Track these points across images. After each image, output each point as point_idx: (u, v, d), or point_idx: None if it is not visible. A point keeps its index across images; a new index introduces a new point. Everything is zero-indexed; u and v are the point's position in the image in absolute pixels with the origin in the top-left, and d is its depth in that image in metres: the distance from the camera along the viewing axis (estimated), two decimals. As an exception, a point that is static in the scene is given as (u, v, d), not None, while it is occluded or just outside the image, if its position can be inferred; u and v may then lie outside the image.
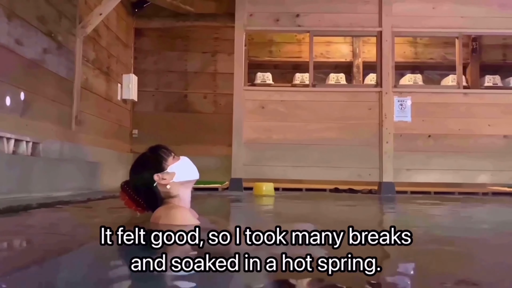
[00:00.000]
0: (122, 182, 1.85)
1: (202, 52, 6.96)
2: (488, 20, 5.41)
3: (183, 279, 1.07)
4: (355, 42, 7.18)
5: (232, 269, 1.11)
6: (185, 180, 1.80)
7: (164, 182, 1.75)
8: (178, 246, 1.39)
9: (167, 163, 1.78)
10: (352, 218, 2.85)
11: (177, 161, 1.81)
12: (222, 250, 1.39)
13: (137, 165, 1.84)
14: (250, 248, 1.46)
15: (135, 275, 1.03)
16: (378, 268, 1.15)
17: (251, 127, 5.34)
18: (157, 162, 1.78)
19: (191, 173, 1.84)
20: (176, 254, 1.33)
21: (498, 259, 1.48)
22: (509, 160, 5.26)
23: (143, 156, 1.86)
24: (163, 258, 1.17)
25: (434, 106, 5.36)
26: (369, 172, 5.32)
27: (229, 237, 1.43)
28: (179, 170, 1.78)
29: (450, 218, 3.04)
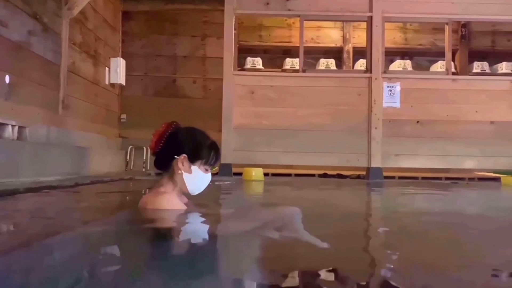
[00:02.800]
0: (175, 122, 1.81)
1: (191, 36, 6.88)
2: (477, 6, 5.41)
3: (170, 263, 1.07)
4: (345, 27, 7.16)
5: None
6: (187, 185, 1.77)
7: (179, 166, 1.74)
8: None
9: (199, 162, 1.75)
10: (338, 202, 2.88)
11: (205, 171, 1.78)
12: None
13: (196, 133, 1.81)
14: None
15: (119, 259, 1.03)
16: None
17: (241, 113, 5.32)
18: (197, 152, 1.75)
19: (195, 188, 1.80)
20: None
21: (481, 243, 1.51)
22: (495, 146, 5.33)
23: (203, 135, 1.82)
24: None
25: (423, 92, 5.38)
26: (357, 157, 5.36)
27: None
28: (196, 177, 1.76)
29: (434, 203, 3.08)
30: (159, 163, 1.78)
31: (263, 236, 1.40)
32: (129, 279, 0.89)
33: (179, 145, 1.74)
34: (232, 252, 1.20)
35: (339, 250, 1.27)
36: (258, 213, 1.94)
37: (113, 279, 0.89)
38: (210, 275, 0.96)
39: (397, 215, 2.35)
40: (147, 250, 1.17)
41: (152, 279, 0.89)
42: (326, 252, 1.22)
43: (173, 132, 1.76)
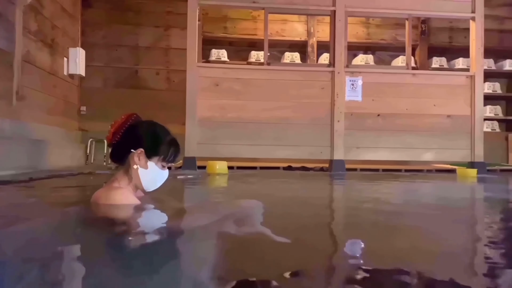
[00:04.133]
0: (135, 114, 1.75)
1: (154, 26, 6.73)
2: (436, 3, 5.57)
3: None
4: (310, 21, 7.20)
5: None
6: (142, 180, 1.72)
7: (135, 160, 1.69)
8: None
9: (157, 158, 1.70)
10: (300, 195, 2.90)
11: (162, 168, 1.73)
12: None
13: (156, 127, 1.75)
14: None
15: (61, 254, 1.00)
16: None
17: (205, 105, 5.26)
18: (155, 147, 1.70)
19: (150, 184, 1.75)
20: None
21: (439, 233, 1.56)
22: (452, 139, 5.54)
23: (163, 130, 1.77)
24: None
25: (384, 86, 5.51)
26: (321, 150, 5.43)
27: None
28: (151, 173, 1.71)
29: (393, 194, 3.17)
30: (115, 156, 1.73)
31: (221, 231, 1.39)
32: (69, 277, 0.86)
33: (137, 139, 1.69)
34: (187, 247, 1.18)
35: (298, 243, 1.27)
36: (217, 206, 1.93)
37: (52, 278, 0.85)
38: (163, 272, 0.94)
39: (357, 206, 2.40)
40: (93, 247, 1.13)
41: (99, 277, 0.86)
42: (285, 246, 1.22)
43: (132, 124, 1.71)
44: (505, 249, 1.31)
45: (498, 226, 1.79)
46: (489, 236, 1.55)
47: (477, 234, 1.59)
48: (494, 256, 1.21)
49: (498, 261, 1.15)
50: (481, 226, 1.82)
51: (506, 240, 1.46)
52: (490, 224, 1.87)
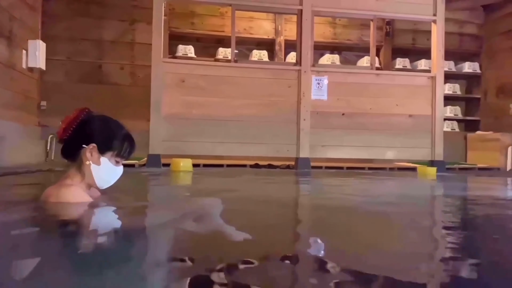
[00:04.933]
0: (88, 108, 1.67)
1: (119, 20, 6.56)
2: (400, 5, 5.71)
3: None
4: (277, 20, 7.23)
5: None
6: (94, 177, 1.66)
7: (87, 156, 1.63)
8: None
9: (110, 154, 1.64)
10: (265, 192, 2.91)
11: (115, 164, 1.67)
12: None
13: (109, 122, 1.70)
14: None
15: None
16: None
17: (171, 102, 5.18)
18: (108, 142, 1.64)
19: (103, 181, 1.70)
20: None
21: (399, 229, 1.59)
22: (413, 138, 5.70)
23: (117, 125, 1.71)
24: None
25: (348, 86, 5.60)
26: (287, 148, 5.46)
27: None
28: (104, 169, 1.65)
29: (356, 191, 3.23)
30: (66, 152, 1.67)
31: (179, 228, 1.37)
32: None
33: (89, 134, 1.64)
34: (140, 246, 1.15)
35: (259, 240, 1.26)
36: (177, 204, 1.89)
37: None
38: (113, 274, 0.91)
39: (319, 204, 2.42)
40: (37, 249, 1.09)
41: (42, 280, 0.82)
42: (245, 243, 1.20)
43: (84, 119, 1.65)
44: (456, 244, 1.35)
45: (447, 223, 1.85)
46: (441, 232, 1.60)
47: (429, 231, 1.64)
48: (445, 251, 1.24)
49: (447, 256, 1.19)
50: (433, 222, 1.87)
51: (456, 237, 1.51)
52: (441, 221, 1.93)
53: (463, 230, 1.65)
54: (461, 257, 1.18)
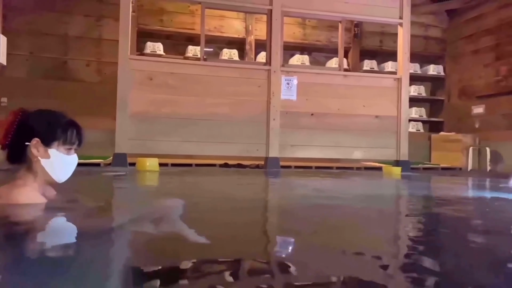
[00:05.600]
0: (22, 108, 1.60)
1: (85, 15, 6.39)
2: (368, 8, 5.81)
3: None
4: (248, 19, 7.23)
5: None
6: (49, 172, 1.61)
7: (33, 152, 1.57)
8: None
9: (56, 144, 1.58)
10: (233, 192, 2.90)
11: (66, 153, 1.61)
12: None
13: (46, 114, 1.62)
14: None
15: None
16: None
17: (138, 100, 5.08)
18: (50, 133, 1.57)
19: (60, 173, 1.64)
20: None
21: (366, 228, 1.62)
22: (379, 138, 5.82)
23: (56, 115, 1.63)
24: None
25: (317, 86, 5.66)
26: (256, 147, 5.47)
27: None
28: (56, 161, 1.58)
29: (323, 190, 3.27)
30: (13, 157, 1.59)
31: (136, 231, 1.34)
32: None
33: (29, 131, 1.57)
34: (96, 249, 1.12)
35: (220, 243, 1.24)
36: (137, 205, 1.85)
37: None
38: (65, 278, 0.88)
39: (286, 204, 2.43)
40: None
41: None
42: (205, 246, 1.19)
43: (21, 120, 1.59)
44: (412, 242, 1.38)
45: (404, 221, 1.90)
46: (399, 230, 1.64)
47: (389, 228, 1.67)
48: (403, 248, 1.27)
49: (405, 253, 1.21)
50: (394, 220, 1.91)
51: (411, 235, 1.55)
52: (399, 219, 1.98)
53: (415, 228, 1.70)
54: (418, 253, 1.21)
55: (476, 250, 1.32)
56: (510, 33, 6.83)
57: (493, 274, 1.05)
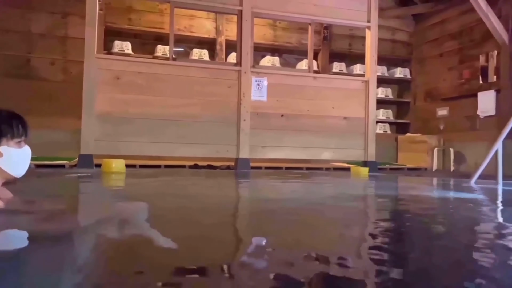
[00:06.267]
0: None
1: (50, 12, 6.20)
2: (337, 11, 5.90)
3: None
4: (218, 19, 7.20)
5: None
6: (4, 169, 1.55)
7: None
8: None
9: (5, 140, 1.52)
10: (201, 194, 2.87)
11: (18, 147, 1.55)
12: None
13: None
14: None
15: None
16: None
17: (105, 99, 4.97)
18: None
19: (16, 168, 1.59)
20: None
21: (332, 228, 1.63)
22: (348, 139, 5.91)
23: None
24: None
25: (287, 88, 5.69)
26: (227, 148, 5.45)
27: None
28: (9, 157, 1.53)
29: (293, 191, 3.29)
30: None
31: (95, 234, 1.29)
32: None
33: None
34: (50, 256, 1.07)
35: (188, 247, 1.21)
36: (97, 208, 1.80)
37: None
38: (20, 284, 0.84)
39: (256, 205, 2.43)
40: None
41: None
42: (172, 251, 1.16)
43: None
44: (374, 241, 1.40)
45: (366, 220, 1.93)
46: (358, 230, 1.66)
47: (350, 227, 1.70)
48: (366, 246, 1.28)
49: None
50: (356, 219, 1.94)
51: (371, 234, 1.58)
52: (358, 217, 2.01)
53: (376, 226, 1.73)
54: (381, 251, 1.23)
55: (436, 248, 1.35)
56: (472, 37, 7.09)
57: (453, 273, 1.07)
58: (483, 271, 1.07)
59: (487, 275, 1.04)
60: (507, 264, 1.15)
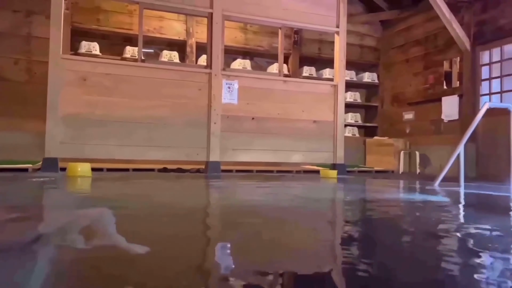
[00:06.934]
0: None
1: (13, 10, 5.99)
2: (307, 16, 5.97)
3: None
4: (189, 21, 7.15)
5: None
6: None
7: None
8: None
9: None
10: (169, 198, 2.83)
11: None
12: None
13: None
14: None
15: None
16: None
17: (71, 101, 4.83)
18: None
19: None
20: None
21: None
22: (317, 142, 5.98)
23: None
24: None
25: (258, 91, 5.71)
26: (197, 151, 5.40)
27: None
28: None
29: (262, 194, 3.29)
30: None
31: (55, 246, 1.25)
32: None
33: None
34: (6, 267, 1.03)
35: (158, 253, 1.19)
36: (57, 216, 1.74)
37: None
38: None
39: (227, 209, 2.41)
40: None
41: None
42: (141, 258, 1.13)
43: None
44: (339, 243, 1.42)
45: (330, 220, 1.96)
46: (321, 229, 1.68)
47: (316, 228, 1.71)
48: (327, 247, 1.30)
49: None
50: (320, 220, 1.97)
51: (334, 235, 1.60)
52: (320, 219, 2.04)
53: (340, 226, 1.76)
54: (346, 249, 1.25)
55: (398, 250, 1.38)
56: (436, 44, 7.33)
57: (416, 273, 1.10)
58: (438, 269, 1.10)
59: (441, 272, 1.07)
60: (464, 264, 1.19)
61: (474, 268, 1.13)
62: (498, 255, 1.29)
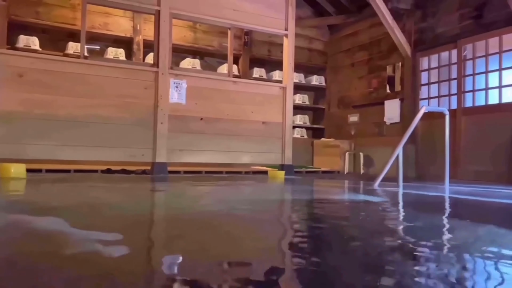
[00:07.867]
0: None
1: None
2: (256, 17, 6.00)
3: None
4: (136, 18, 6.97)
5: None
6: None
7: None
8: None
9: None
10: (111, 201, 2.72)
11: None
12: None
13: None
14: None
15: None
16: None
17: (5, 98, 4.54)
18: None
19: None
20: None
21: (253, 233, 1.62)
22: (266, 143, 6.03)
23: None
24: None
25: (207, 91, 5.66)
26: (142, 152, 5.27)
27: None
28: None
29: (209, 195, 3.26)
30: None
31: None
32: None
33: None
34: None
35: (85, 259, 1.13)
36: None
37: None
38: None
39: (171, 212, 2.36)
40: None
41: None
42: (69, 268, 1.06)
43: None
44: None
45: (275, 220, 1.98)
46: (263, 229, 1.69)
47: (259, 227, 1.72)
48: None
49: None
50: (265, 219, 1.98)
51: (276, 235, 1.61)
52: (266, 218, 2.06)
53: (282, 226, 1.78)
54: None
55: (340, 250, 1.41)
56: (380, 49, 7.64)
57: (362, 273, 1.12)
58: (375, 267, 1.14)
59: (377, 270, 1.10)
60: (400, 261, 1.24)
61: (411, 261, 1.18)
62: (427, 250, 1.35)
